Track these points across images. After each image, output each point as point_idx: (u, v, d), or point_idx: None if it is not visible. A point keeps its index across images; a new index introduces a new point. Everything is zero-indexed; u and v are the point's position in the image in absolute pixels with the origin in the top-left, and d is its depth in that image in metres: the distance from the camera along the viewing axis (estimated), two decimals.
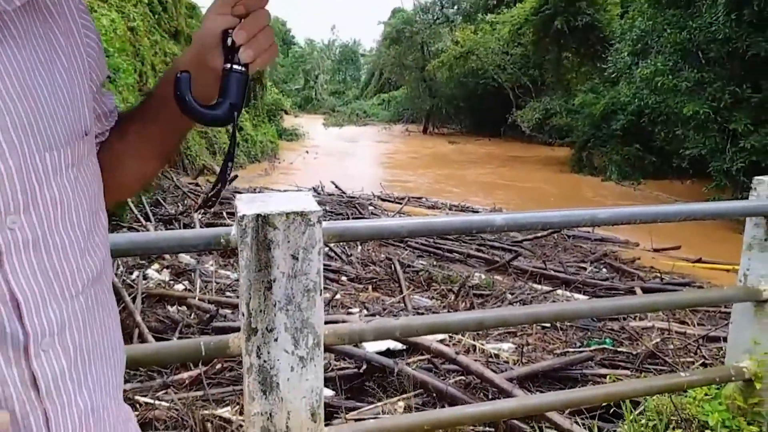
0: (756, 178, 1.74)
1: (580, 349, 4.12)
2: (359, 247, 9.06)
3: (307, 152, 23.08)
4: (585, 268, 8.36)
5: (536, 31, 20.78)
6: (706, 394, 1.98)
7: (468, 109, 31.01)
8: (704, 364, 4.00)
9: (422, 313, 5.61)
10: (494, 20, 24.03)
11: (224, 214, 9.76)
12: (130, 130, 0.86)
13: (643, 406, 2.10)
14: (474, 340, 4.46)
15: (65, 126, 0.66)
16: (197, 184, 13.86)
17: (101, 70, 0.80)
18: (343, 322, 4.07)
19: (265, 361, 1.32)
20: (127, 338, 5.36)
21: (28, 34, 0.64)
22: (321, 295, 1.36)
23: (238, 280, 6.28)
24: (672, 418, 1.85)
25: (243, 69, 0.75)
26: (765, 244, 1.68)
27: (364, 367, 4.03)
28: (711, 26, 10.69)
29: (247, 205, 1.34)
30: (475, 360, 4.02)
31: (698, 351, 4.13)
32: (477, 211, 12.64)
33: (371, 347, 4.12)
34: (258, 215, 1.29)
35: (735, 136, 11.12)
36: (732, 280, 8.47)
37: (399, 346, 4.25)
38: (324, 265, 5.93)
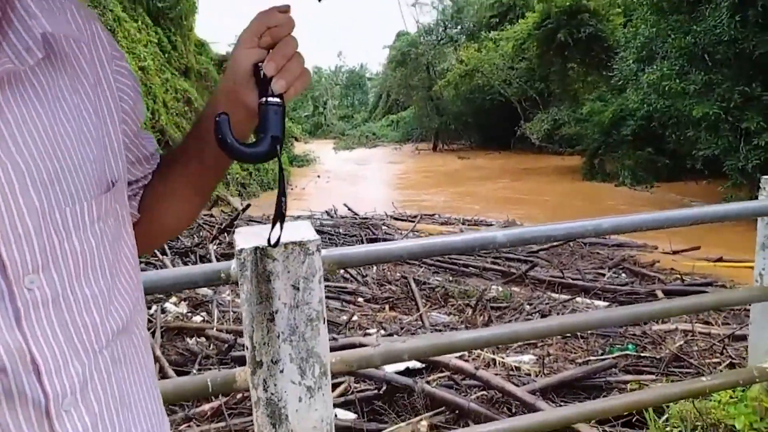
0: (764, 177, 1.72)
1: (603, 357, 4.07)
2: (374, 268, 9.07)
3: (318, 177, 23.25)
4: (603, 275, 8.27)
5: (540, 45, 20.89)
6: (731, 397, 1.94)
7: (476, 124, 31.11)
8: (731, 365, 3.93)
9: (440, 330, 5.59)
10: (497, 37, 24.22)
11: None
12: (171, 171, 0.87)
13: (667, 413, 2.06)
14: (494, 354, 4.42)
15: (90, 179, 0.65)
16: (212, 215, 13.99)
17: (138, 115, 0.81)
18: (360, 345, 4.06)
19: (272, 394, 1.33)
20: None
21: (53, 89, 0.64)
22: (325, 323, 1.37)
23: None
24: (697, 423, 1.81)
25: (279, 101, 0.75)
26: None
27: (384, 387, 4.02)
28: (715, 29, 10.66)
29: (245, 239, 1.37)
30: (496, 374, 3.99)
31: (724, 351, 4.05)
32: (490, 225, 12.60)
33: (390, 367, 4.10)
34: (256, 248, 1.32)
35: (748, 135, 11.00)
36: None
37: (418, 364, 4.23)
38: (339, 287, 5.97)
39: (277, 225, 0.81)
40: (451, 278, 8.63)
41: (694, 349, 4.16)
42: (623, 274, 8.40)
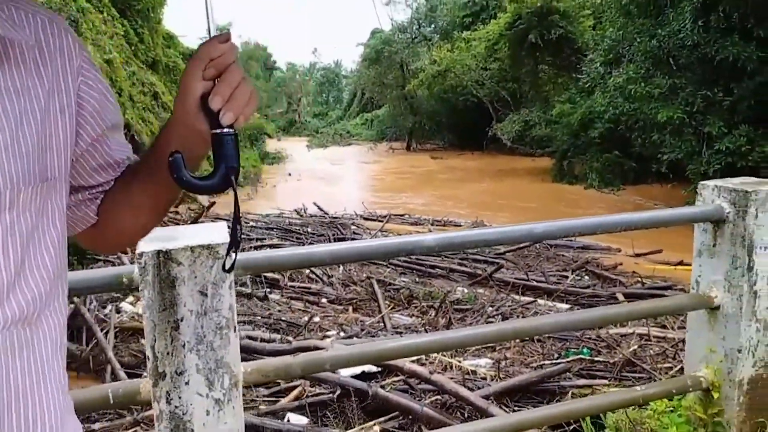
0: (701, 183, 1.69)
1: (557, 361, 4.06)
2: (341, 268, 8.98)
3: (290, 175, 23.04)
4: (567, 277, 8.33)
5: (511, 46, 21.03)
6: (668, 407, 1.91)
7: (450, 124, 31.22)
8: (681, 369, 3.94)
9: (400, 332, 5.53)
10: (470, 37, 24.30)
11: None
12: (133, 181, 0.89)
13: (605, 422, 2.04)
14: (451, 357, 4.38)
15: (14, 173, 0.69)
16: (177, 212, 13.69)
17: (104, 122, 0.86)
18: (315, 348, 3.98)
19: (176, 407, 1.24)
20: (101, 374, 5.23)
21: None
22: (236, 331, 1.29)
23: None
24: None
25: (231, 131, 0.76)
26: (713, 249, 1.64)
27: (339, 392, 3.94)
28: (679, 33, 10.84)
29: (147, 242, 1.28)
30: (452, 378, 3.95)
31: (676, 356, 4.08)
32: (459, 225, 12.62)
33: (347, 371, 4.04)
34: (159, 251, 1.22)
35: (710, 139, 11.23)
36: None
37: (374, 368, 4.17)
38: (303, 288, 5.85)
39: (233, 251, 0.83)
40: (417, 279, 8.61)
41: (649, 354, 4.18)
42: (587, 277, 8.48)
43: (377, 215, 13.95)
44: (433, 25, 32.90)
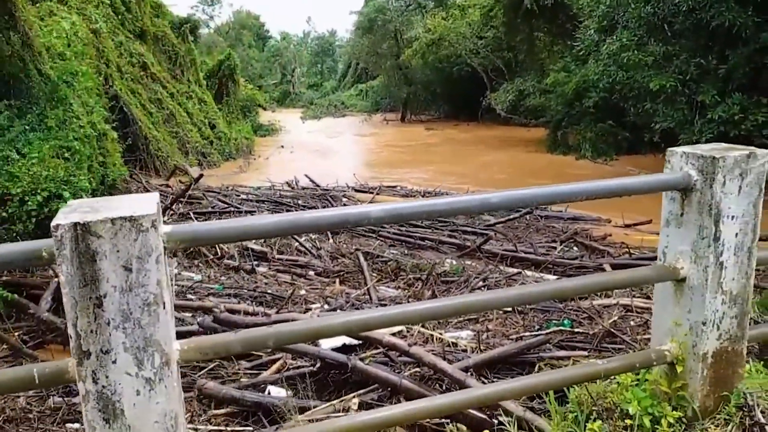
0: (669, 149, 1.62)
1: (537, 333, 4.04)
2: (330, 240, 8.95)
3: (282, 147, 22.82)
4: (555, 248, 8.30)
5: (506, 13, 20.61)
6: (633, 381, 1.87)
7: (445, 94, 30.86)
8: None
9: (384, 305, 5.49)
10: (464, 4, 23.80)
11: (191, 214, 9.56)
12: None
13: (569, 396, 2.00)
14: (433, 330, 4.36)
15: None
16: (168, 185, 13.60)
17: None
18: (292, 320, 3.94)
19: (104, 387, 1.19)
20: None
21: None
22: (166, 307, 1.23)
23: (201, 281, 6.07)
24: (593, 408, 1.74)
25: None
26: (681, 219, 1.57)
27: (319, 364, 3.92)
28: None
29: (65, 214, 1.20)
30: (431, 350, 3.92)
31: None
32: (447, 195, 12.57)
33: (327, 343, 4.01)
34: (76, 224, 1.15)
35: (703, 108, 11.09)
36: None
37: (354, 341, 4.15)
38: (291, 260, 5.79)
39: None
40: (406, 251, 8.58)
41: (629, 325, 4.16)
42: (575, 248, 8.45)
43: (368, 187, 13.86)
44: None
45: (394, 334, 4.03)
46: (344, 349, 4.02)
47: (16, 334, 5.47)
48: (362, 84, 46.05)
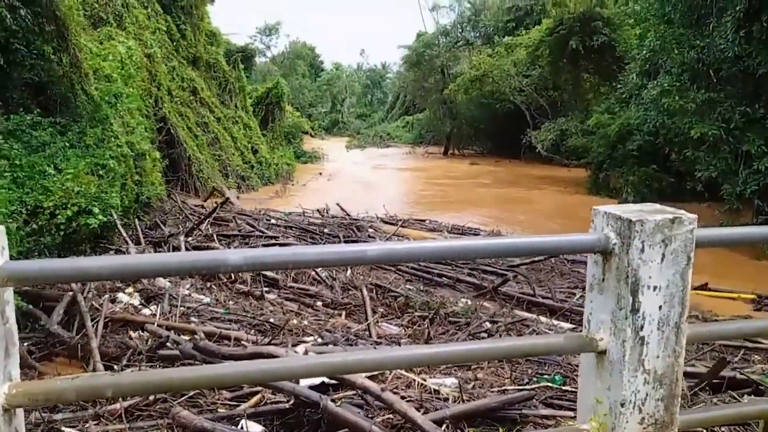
0: (594, 207, 1.49)
1: (522, 387, 3.84)
2: (348, 271, 8.89)
3: (320, 174, 23.12)
4: (575, 294, 7.99)
5: (552, 52, 20.50)
6: None
7: (488, 130, 30.75)
8: None
9: (379, 343, 5.37)
10: (510, 43, 23.83)
11: (214, 236, 9.72)
12: None
13: None
14: (417, 374, 4.22)
15: None
16: (203, 206, 13.92)
17: None
18: (269, 356, 3.89)
19: None
20: (85, 364, 5.30)
21: None
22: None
23: (209, 304, 6.10)
24: None
25: None
26: (603, 285, 1.43)
27: (292, 401, 3.84)
28: (720, 44, 10.27)
29: None
30: (410, 397, 3.79)
31: None
32: (477, 234, 12.35)
33: (306, 380, 3.93)
34: None
35: (748, 158, 10.60)
36: (736, 308, 7.93)
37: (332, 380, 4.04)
38: (301, 289, 5.76)
39: None
40: (422, 287, 8.44)
41: None
42: None
43: (397, 219, 13.80)
44: (476, 30, 32.50)
45: (372, 377, 3.91)
46: (322, 386, 3.93)
47: (25, 344, 5.60)
48: (409, 116, 46.53)
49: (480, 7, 31.89)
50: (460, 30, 32.50)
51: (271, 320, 5.86)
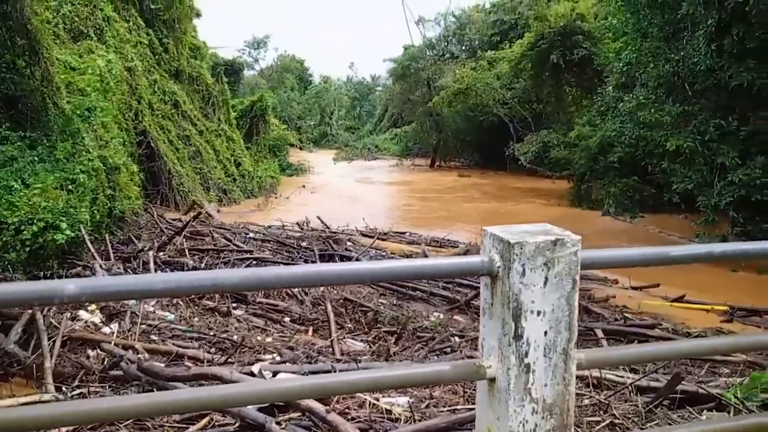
0: (483, 228, 1.42)
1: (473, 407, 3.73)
2: (322, 287, 8.77)
3: (303, 187, 23.04)
4: None
5: (534, 66, 20.64)
6: None
7: (474, 143, 30.85)
8: (612, 425, 3.62)
9: (339, 360, 5.26)
10: (493, 57, 24.00)
11: (186, 251, 9.58)
12: None
13: None
14: (369, 395, 4.10)
15: None
16: (180, 220, 13.77)
17: None
18: (212, 377, 3.78)
19: None
20: (39, 385, 5.13)
21: None
22: None
23: (172, 321, 5.95)
24: None
25: None
26: (492, 309, 1.36)
27: (237, 424, 3.72)
28: (693, 57, 10.36)
29: None
30: (357, 419, 3.69)
31: (608, 409, 3.73)
32: (456, 246, 12.31)
33: None
34: None
35: (723, 170, 10.65)
36: (708, 320, 7.89)
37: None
38: (270, 305, 5.64)
39: None
40: (395, 302, 8.35)
41: (584, 404, 3.82)
42: None
43: (377, 232, 13.73)
44: (462, 44, 32.71)
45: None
46: (270, 407, 3.82)
47: None
48: (397, 129, 46.64)
49: (465, 21, 32.15)
50: (446, 43, 32.71)
51: (234, 337, 5.73)
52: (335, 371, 4.59)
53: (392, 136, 46.80)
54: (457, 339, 6.33)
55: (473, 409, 3.79)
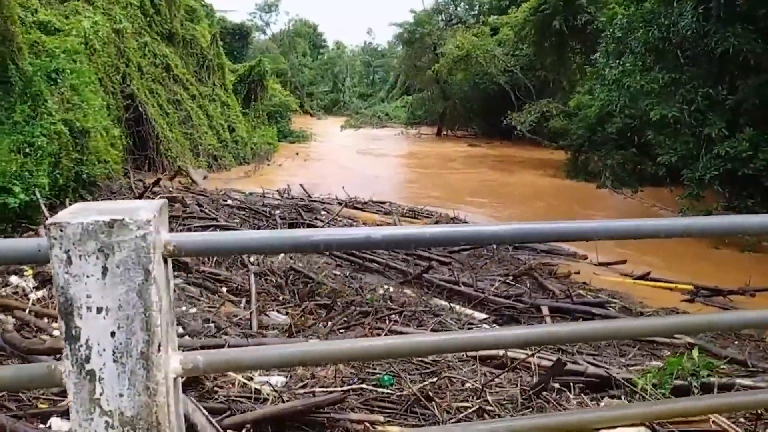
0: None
1: (333, 390, 3.55)
2: (281, 255, 8.61)
3: (297, 154, 22.79)
4: (510, 284, 7.67)
5: (537, 32, 19.84)
6: None
7: (480, 111, 30.12)
8: (480, 411, 3.42)
9: (251, 335, 5.09)
10: (497, 22, 23.12)
11: None
12: None
13: None
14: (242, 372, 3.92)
15: None
16: (156, 184, 13.59)
17: None
18: (48, 349, 3.60)
19: None
20: None
21: None
22: None
23: None
24: None
25: None
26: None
27: None
28: (680, 22, 9.74)
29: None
30: (216, 399, 3.52)
31: (481, 394, 3.52)
32: (430, 217, 12.05)
33: None
34: None
35: (710, 142, 10.12)
36: (673, 299, 7.55)
37: None
38: (212, 273, 5.47)
39: None
40: (347, 273, 8.17)
41: (452, 389, 3.61)
42: (529, 284, 7.78)
43: (359, 201, 13.50)
44: (472, 8, 31.63)
45: None
46: None
47: None
48: (408, 96, 45.80)
49: None
50: (454, 7, 31.66)
51: None
52: (228, 346, 4.43)
53: (403, 104, 46.01)
54: (394, 315, 6.15)
55: (346, 390, 3.59)
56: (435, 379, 3.53)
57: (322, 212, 11.98)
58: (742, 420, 3.35)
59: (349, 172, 19.29)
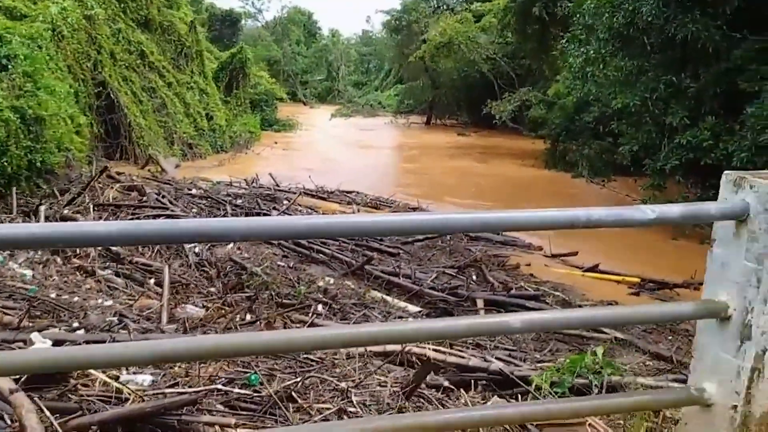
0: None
1: (192, 390, 3.39)
2: (230, 245, 8.43)
3: (276, 143, 22.55)
4: (454, 276, 7.51)
5: (518, 19, 19.52)
6: None
7: (468, 100, 29.79)
8: (340, 411, 3.28)
9: (149, 330, 4.93)
10: (480, 9, 22.77)
11: (90, 206, 9.30)
12: None
13: None
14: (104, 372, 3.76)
15: None
16: (118, 173, 13.37)
17: None
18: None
19: None
20: None
21: None
22: None
23: (25, 278, 5.61)
24: None
25: None
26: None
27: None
28: (643, 7, 9.49)
29: None
30: (70, 399, 3.35)
31: (346, 395, 3.38)
32: (390, 206, 11.88)
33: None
34: None
35: (672, 131, 9.91)
36: (619, 292, 7.39)
37: None
38: (144, 264, 5.33)
39: None
40: (293, 264, 8.03)
41: (321, 390, 3.46)
42: (475, 276, 7.62)
43: (324, 191, 13.33)
44: None
45: None
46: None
47: None
48: (402, 84, 45.32)
49: None
50: None
51: (58, 301, 5.42)
52: (113, 341, 4.27)
53: (396, 93, 45.53)
54: (320, 307, 6.00)
55: (200, 391, 3.42)
56: (299, 379, 3.36)
57: (284, 201, 11.80)
58: (620, 422, 3.19)
59: (327, 161, 19.09)
